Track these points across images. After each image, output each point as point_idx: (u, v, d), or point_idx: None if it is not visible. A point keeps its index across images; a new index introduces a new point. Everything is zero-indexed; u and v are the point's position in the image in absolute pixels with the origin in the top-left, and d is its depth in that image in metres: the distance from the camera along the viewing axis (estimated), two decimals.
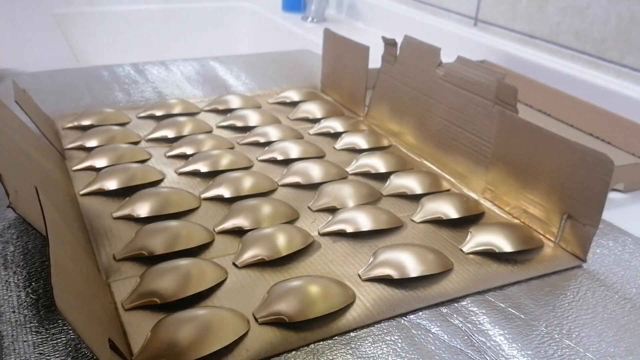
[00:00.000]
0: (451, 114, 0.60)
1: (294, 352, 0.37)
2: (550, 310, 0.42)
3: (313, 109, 0.74)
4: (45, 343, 0.36)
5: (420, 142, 0.65)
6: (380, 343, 0.38)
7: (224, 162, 0.58)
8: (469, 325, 0.40)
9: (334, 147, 0.65)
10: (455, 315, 0.41)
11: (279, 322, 0.38)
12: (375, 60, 0.72)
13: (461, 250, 0.48)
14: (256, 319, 0.39)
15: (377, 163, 0.60)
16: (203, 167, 0.57)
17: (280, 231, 0.47)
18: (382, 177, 0.59)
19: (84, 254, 0.40)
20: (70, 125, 0.66)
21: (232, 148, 0.63)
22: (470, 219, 0.52)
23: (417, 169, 0.61)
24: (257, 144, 0.65)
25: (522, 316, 0.41)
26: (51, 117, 0.68)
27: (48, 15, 1.17)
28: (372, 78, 0.72)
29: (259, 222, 0.49)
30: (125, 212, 0.49)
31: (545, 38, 0.88)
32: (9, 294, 0.40)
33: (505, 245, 0.47)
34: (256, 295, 0.41)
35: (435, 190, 0.56)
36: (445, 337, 0.39)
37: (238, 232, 0.48)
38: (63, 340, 0.36)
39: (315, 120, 0.72)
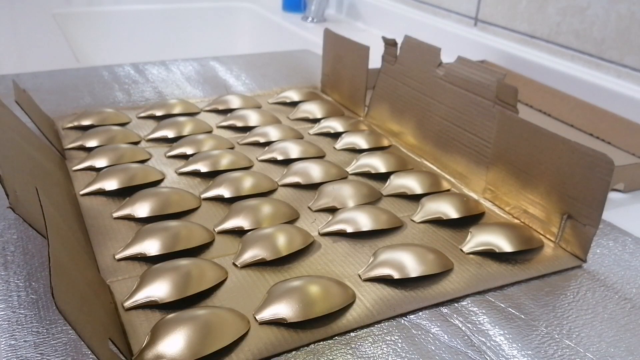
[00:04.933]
0: (451, 114, 0.60)
1: (294, 352, 0.37)
2: (550, 310, 0.42)
3: (313, 109, 0.74)
4: (45, 343, 0.36)
5: (420, 142, 0.65)
6: (380, 343, 0.38)
7: (224, 162, 0.58)
8: (469, 325, 0.40)
9: (334, 147, 0.65)
10: (455, 315, 0.41)
11: (279, 322, 0.38)
12: (375, 60, 0.72)
13: (461, 250, 0.48)
14: (256, 319, 0.39)
15: (377, 163, 0.60)
16: (203, 167, 0.57)
17: (280, 231, 0.47)
18: (382, 177, 0.59)
19: (84, 254, 0.40)
20: (70, 125, 0.66)
21: (232, 148, 0.63)
22: (470, 219, 0.52)
23: (417, 169, 0.61)
24: (257, 144, 0.65)
25: (522, 316, 0.41)
26: (51, 117, 0.68)
27: (48, 15, 1.17)
28: (372, 78, 0.72)
29: (259, 222, 0.49)
30: (125, 212, 0.49)
31: (545, 38, 0.88)
32: (9, 294, 0.40)
33: (505, 245, 0.47)
34: (256, 295, 0.41)
35: (435, 190, 0.56)
36: (445, 337, 0.39)
37: (238, 232, 0.48)
38: (63, 340, 0.36)
39: (315, 120, 0.72)
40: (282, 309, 0.39)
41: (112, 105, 0.74)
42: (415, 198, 0.55)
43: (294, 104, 0.77)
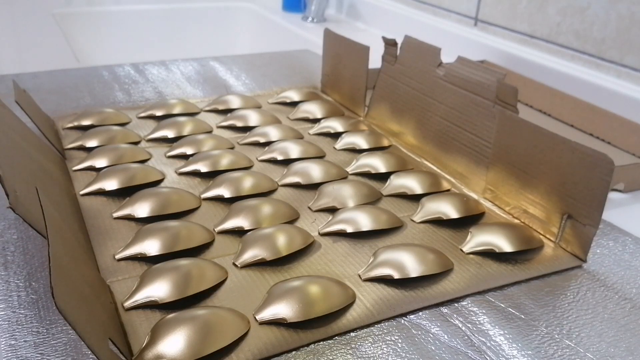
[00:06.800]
0: (451, 114, 0.60)
1: (294, 352, 0.37)
2: (550, 310, 0.42)
3: (313, 109, 0.74)
4: (45, 343, 0.36)
5: (421, 142, 0.65)
6: (381, 343, 0.38)
7: (224, 162, 0.58)
8: (469, 325, 0.40)
9: (334, 147, 0.65)
10: (455, 315, 0.41)
11: (279, 322, 0.38)
12: (375, 60, 0.72)
13: (461, 250, 0.48)
14: (256, 319, 0.39)
15: (377, 163, 0.60)
16: (203, 167, 0.57)
17: (280, 231, 0.47)
18: (382, 177, 0.59)
19: (84, 254, 0.40)
20: (70, 125, 0.66)
21: (232, 148, 0.63)
22: (471, 219, 0.52)
23: (417, 169, 0.61)
24: (257, 144, 0.65)
25: (522, 316, 0.41)
26: (51, 117, 0.68)
27: (48, 15, 1.17)
28: (372, 78, 0.72)
29: (259, 222, 0.49)
30: (125, 212, 0.49)
31: (545, 38, 0.88)
32: (9, 294, 0.40)
33: (505, 245, 0.47)
34: (256, 295, 0.41)
35: (435, 190, 0.56)
36: (445, 337, 0.39)
37: (238, 232, 0.48)
38: (63, 340, 0.36)
39: (315, 120, 0.72)
40: (282, 309, 0.39)
41: (112, 105, 0.74)
42: (415, 198, 0.55)
43: (294, 104, 0.77)
